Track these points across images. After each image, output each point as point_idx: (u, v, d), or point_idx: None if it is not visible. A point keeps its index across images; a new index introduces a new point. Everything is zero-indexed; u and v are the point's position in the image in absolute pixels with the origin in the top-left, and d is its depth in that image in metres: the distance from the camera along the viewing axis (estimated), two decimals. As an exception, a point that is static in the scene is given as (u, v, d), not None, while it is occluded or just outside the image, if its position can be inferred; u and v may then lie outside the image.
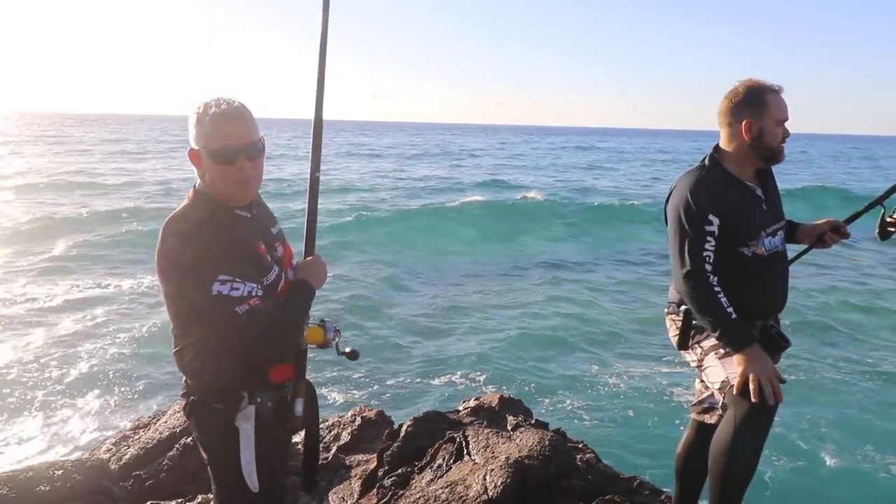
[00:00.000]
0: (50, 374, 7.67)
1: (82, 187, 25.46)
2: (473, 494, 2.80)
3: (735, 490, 2.25)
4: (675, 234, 2.30)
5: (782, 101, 2.30)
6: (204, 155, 1.71)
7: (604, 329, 9.94)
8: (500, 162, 48.08)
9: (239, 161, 1.70)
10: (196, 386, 1.82)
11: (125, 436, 4.23)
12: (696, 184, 2.30)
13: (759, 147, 2.30)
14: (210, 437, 1.85)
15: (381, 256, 14.93)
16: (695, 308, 2.28)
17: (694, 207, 2.25)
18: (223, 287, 1.64)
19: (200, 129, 1.70)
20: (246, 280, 1.68)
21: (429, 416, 3.64)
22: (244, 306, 1.66)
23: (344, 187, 27.09)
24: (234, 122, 1.70)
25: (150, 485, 3.61)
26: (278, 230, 1.96)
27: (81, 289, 11.30)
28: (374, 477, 3.36)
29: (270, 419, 1.84)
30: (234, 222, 1.78)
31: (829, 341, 9.29)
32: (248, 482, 1.79)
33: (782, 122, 2.30)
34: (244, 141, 1.71)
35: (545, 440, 3.01)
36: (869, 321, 10.46)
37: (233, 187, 1.74)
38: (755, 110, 2.28)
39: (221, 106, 1.70)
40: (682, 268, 2.27)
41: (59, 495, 2.99)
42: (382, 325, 9.95)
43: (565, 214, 21.55)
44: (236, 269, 1.68)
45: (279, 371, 1.85)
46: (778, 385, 2.15)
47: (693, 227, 2.25)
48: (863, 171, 49.05)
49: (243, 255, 1.73)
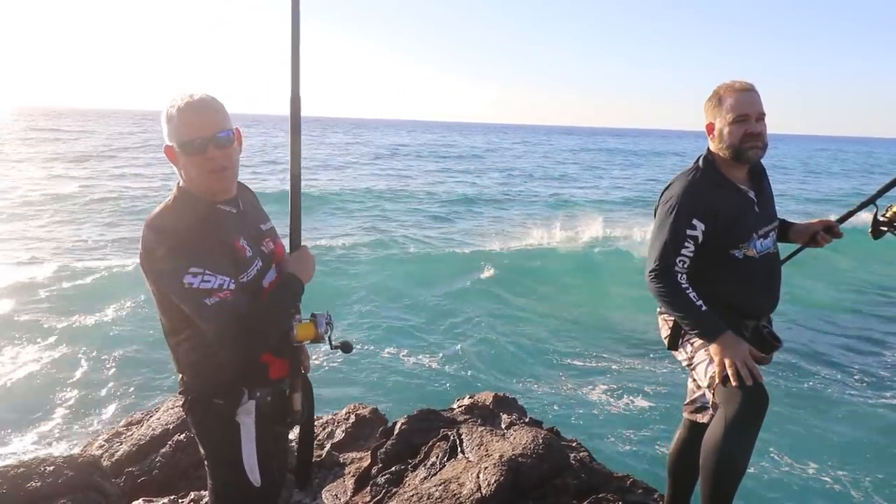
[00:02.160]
0: (42, 371, 7.64)
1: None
2: (467, 492, 2.80)
3: (726, 488, 2.25)
4: (655, 232, 2.35)
5: (741, 98, 2.25)
6: (177, 149, 1.74)
7: (600, 329, 9.96)
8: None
9: (209, 150, 1.73)
10: (194, 383, 1.83)
11: (118, 432, 4.22)
12: (687, 187, 2.30)
13: (723, 147, 2.30)
14: (210, 433, 1.85)
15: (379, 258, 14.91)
16: (665, 305, 2.34)
17: (680, 210, 2.27)
18: (194, 280, 1.66)
19: (171, 125, 1.74)
20: (218, 273, 1.68)
21: (423, 414, 3.64)
22: (213, 298, 1.67)
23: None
24: (201, 113, 1.74)
25: (142, 481, 3.60)
26: (269, 227, 1.96)
27: (70, 282, 11.24)
28: (368, 474, 3.36)
29: (270, 414, 1.85)
30: (214, 216, 1.78)
31: (817, 348, 9.33)
32: (250, 476, 1.80)
33: (743, 118, 2.25)
34: (212, 130, 1.73)
35: (539, 438, 3.01)
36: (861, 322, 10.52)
37: (208, 178, 1.75)
38: (715, 111, 2.31)
39: (187, 99, 1.74)
40: (650, 266, 2.32)
41: (50, 491, 2.97)
42: (380, 321, 9.94)
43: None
44: (209, 261, 1.68)
45: (277, 367, 1.87)
46: (754, 366, 2.18)
47: (673, 230, 2.27)
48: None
49: (217, 248, 1.73)
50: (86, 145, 44.26)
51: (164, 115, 1.75)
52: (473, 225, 19.89)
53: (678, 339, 2.42)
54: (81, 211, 18.92)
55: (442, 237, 17.62)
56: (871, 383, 7.94)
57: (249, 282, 1.78)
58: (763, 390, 2.17)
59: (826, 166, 56.49)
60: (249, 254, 1.81)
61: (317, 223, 18.38)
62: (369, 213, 20.95)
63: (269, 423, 1.87)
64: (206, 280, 1.67)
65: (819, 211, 22.93)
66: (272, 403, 1.86)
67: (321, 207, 21.15)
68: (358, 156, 46.80)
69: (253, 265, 1.81)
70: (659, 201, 2.41)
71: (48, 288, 10.86)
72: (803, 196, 30.54)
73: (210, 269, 1.68)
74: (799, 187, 34.84)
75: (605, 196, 28.40)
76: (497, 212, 22.65)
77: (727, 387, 2.18)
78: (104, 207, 19.47)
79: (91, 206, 19.57)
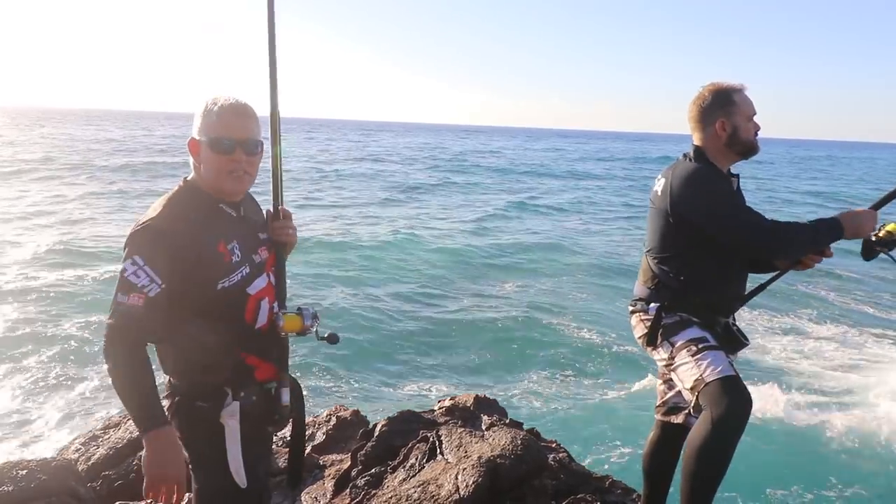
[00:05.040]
0: (18, 374, 7.52)
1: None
2: (445, 493, 2.80)
3: (707, 490, 2.26)
4: (727, 213, 2.27)
5: (748, 98, 2.40)
6: (203, 144, 1.77)
7: (580, 331, 10.02)
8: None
9: (236, 153, 1.77)
10: (179, 385, 1.83)
11: (95, 436, 4.15)
12: (705, 172, 2.34)
13: (735, 143, 2.37)
14: (195, 435, 1.83)
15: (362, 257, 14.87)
16: (787, 247, 2.34)
17: (708, 180, 2.31)
18: (131, 268, 1.67)
19: (206, 119, 1.78)
20: (156, 274, 1.67)
21: (403, 416, 3.64)
22: (128, 297, 1.66)
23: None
24: (240, 117, 1.79)
25: (119, 485, 3.56)
26: (267, 237, 1.95)
27: (52, 283, 11.09)
28: (348, 477, 3.35)
29: (255, 415, 1.85)
30: (210, 215, 1.79)
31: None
32: (236, 478, 1.79)
33: (751, 116, 2.39)
34: (245, 135, 1.79)
35: (517, 439, 3.02)
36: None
37: (225, 178, 1.78)
38: (726, 110, 2.36)
39: (231, 101, 1.79)
40: (739, 231, 2.25)
41: (24, 495, 2.93)
42: (361, 323, 9.92)
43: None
44: (157, 259, 1.68)
45: (263, 370, 1.87)
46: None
47: (719, 193, 2.30)
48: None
49: (188, 247, 1.71)
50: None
51: (203, 108, 1.78)
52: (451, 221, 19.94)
53: (656, 336, 2.40)
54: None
55: (421, 232, 17.63)
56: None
57: (230, 287, 1.78)
58: (747, 393, 2.20)
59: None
60: (236, 259, 1.81)
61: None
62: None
63: (258, 423, 1.87)
64: (137, 274, 1.66)
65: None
66: (258, 404, 1.86)
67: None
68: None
69: (237, 271, 1.80)
70: (683, 196, 2.31)
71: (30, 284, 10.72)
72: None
73: (151, 265, 1.67)
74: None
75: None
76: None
77: (713, 390, 2.19)
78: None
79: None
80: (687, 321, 2.36)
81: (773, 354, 9.06)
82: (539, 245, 17.04)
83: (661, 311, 2.39)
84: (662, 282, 2.42)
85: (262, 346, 1.86)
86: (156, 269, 1.67)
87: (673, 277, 2.39)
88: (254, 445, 1.86)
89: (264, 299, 1.88)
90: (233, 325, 1.81)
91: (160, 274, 1.68)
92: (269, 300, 1.90)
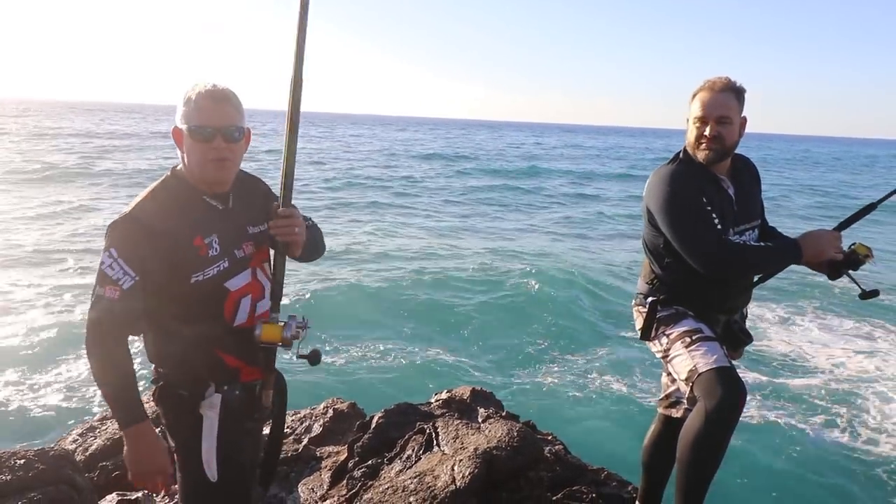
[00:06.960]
0: (16, 364, 7.52)
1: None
2: (441, 484, 2.81)
3: (702, 482, 2.27)
4: (674, 222, 2.24)
5: (705, 99, 2.28)
6: (185, 132, 1.74)
7: (578, 324, 10.03)
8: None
9: (216, 140, 1.72)
10: (163, 373, 1.82)
11: (92, 426, 4.16)
12: (673, 172, 2.31)
13: (687, 144, 2.35)
14: (176, 423, 1.83)
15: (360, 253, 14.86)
16: (745, 271, 2.29)
17: (680, 190, 2.25)
18: (107, 260, 1.67)
19: (187, 108, 1.73)
20: (129, 267, 1.67)
21: (400, 408, 3.65)
22: (104, 290, 1.66)
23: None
24: (218, 103, 1.74)
25: (116, 476, 3.57)
26: (258, 231, 1.88)
27: (50, 276, 11.07)
28: (345, 468, 3.36)
29: (237, 409, 1.83)
30: (190, 207, 1.77)
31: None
32: (206, 471, 1.77)
33: (697, 120, 2.29)
34: (225, 122, 1.73)
35: (513, 431, 3.03)
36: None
37: (207, 167, 1.74)
38: (689, 107, 2.35)
39: (209, 87, 1.74)
40: (700, 251, 2.19)
41: (20, 484, 2.93)
42: (358, 317, 9.91)
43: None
44: (132, 252, 1.67)
45: (247, 372, 1.84)
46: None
47: (689, 207, 2.23)
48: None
49: (163, 238, 1.70)
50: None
51: (183, 97, 1.75)
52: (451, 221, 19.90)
53: (651, 329, 2.41)
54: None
55: (418, 232, 17.61)
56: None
57: (203, 281, 1.74)
58: (741, 383, 2.19)
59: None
60: (213, 253, 1.76)
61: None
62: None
63: (238, 417, 1.83)
64: (112, 266, 1.66)
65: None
66: (240, 398, 1.83)
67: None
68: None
69: (214, 265, 1.75)
70: (648, 198, 2.36)
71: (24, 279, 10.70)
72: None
73: (124, 257, 1.67)
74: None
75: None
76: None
77: (706, 380, 2.18)
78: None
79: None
80: (682, 314, 2.37)
81: (775, 348, 9.07)
82: (539, 245, 17.00)
83: (655, 304, 2.40)
84: (659, 278, 2.43)
85: (243, 347, 1.79)
86: (130, 261, 1.66)
87: (665, 275, 2.40)
88: (238, 437, 1.83)
89: (246, 297, 1.82)
90: (207, 320, 1.77)
91: (133, 266, 1.67)
92: (253, 298, 1.84)
